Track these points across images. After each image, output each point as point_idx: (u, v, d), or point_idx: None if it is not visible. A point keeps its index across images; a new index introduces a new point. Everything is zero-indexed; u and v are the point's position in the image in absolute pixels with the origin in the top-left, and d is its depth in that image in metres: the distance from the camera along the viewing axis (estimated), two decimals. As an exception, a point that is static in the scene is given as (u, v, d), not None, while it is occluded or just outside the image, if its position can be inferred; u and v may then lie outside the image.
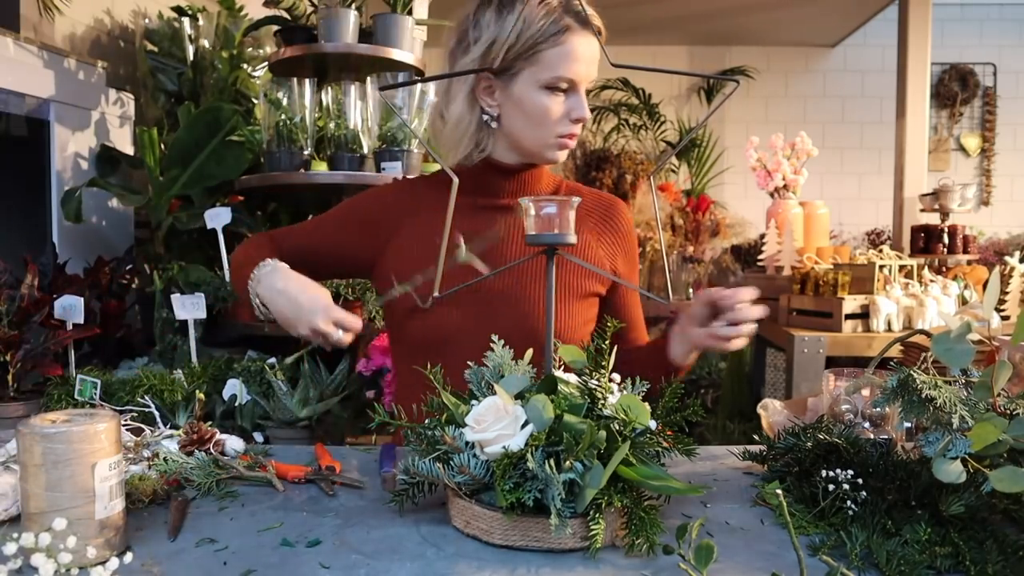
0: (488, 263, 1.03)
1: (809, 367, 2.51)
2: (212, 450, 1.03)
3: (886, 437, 0.97)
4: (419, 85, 2.22)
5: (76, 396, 1.37)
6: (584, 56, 1.13)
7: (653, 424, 0.81)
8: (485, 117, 1.18)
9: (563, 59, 1.12)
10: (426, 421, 0.85)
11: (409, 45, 2.34)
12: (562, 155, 1.21)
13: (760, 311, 1.06)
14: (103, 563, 0.68)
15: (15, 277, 1.64)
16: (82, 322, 1.57)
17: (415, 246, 1.22)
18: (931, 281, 2.70)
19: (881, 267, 2.66)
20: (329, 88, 2.33)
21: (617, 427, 0.78)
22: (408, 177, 1.45)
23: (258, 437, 1.45)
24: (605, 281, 1.26)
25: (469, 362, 0.89)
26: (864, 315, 2.60)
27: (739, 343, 1.06)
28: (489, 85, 1.17)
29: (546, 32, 1.12)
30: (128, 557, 0.70)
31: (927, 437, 0.78)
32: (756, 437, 1.04)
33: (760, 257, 3.25)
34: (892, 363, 1.07)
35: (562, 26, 1.12)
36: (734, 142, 6.16)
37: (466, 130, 1.19)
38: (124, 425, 1.19)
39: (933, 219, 4.40)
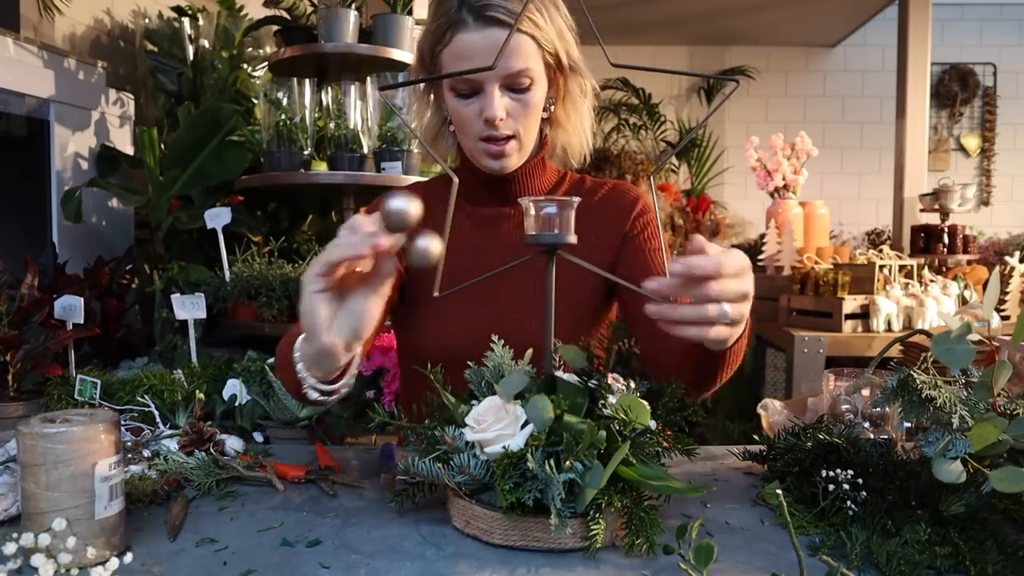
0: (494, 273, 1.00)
1: (809, 367, 2.51)
2: (212, 450, 1.03)
3: (886, 437, 0.97)
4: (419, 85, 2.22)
5: (76, 396, 1.37)
6: (481, 50, 1.00)
7: (653, 424, 0.81)
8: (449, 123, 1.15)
9: (456, 60, 1.03)
10: (426, 421, 0.85)
11: (409, 45, 2.34)
12: (499, 163, 1.09)
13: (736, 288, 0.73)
14: (103, 563, 0.68)
15: (15, 277, 1.64)
16: (82, 322, 1.57)
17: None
18: (931, 281, 2.70)
19: (881, 267, 2.66)
20: (329, 88, 2.33)
21: (617, 427, 0.78)
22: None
23: (258, 437, 1.44)
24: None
25: (469, 362, 0.89)
26: (864, 315, 2.60)
27: (715, 332, 0.73)
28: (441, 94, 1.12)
29: (436, 34, 1.05)
30: (128, 557, 0.70)
31: (927, 437, 0.78)
32: (756, 437, 1.04)
33: (760, 257, 3.25)
34: (892, 363, 1.07)
35: (448, 23, 1.02)
36: (734, 142, 6.17)
37: (437, 133, 1.17)
38: (124, 425, 1.20)
39: (933, 219, 4.40)
